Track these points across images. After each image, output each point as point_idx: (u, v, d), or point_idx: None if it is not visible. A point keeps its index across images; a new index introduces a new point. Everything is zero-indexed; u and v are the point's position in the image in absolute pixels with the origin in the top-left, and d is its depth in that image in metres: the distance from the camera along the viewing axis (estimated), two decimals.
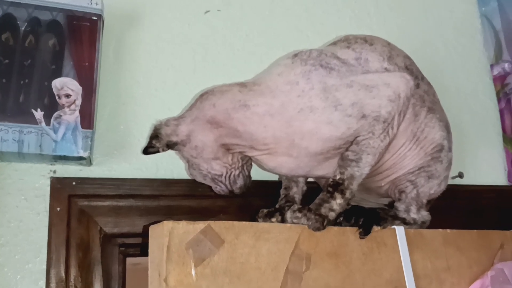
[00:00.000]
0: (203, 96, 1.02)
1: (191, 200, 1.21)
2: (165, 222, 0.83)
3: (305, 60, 0.99)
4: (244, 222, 0.90)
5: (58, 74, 1.14)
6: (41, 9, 1.17)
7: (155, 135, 1.02)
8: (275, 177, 1.26)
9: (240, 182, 1.04)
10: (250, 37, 1.39)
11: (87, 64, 1.17)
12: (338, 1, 1.50)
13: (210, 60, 1.35)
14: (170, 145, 1.02)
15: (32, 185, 1.14)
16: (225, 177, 1.03)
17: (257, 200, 1.20)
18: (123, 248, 1.20)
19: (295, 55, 1.02)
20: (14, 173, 1.14)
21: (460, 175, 1.43)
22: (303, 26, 1.45)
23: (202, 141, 0.99)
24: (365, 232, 0.99)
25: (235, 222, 0.89)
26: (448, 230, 1.12)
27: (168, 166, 1.23)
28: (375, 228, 1.01)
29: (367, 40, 1.07)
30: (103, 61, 1.24)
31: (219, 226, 0.87)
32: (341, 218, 1.00)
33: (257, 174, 1.22)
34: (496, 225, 1.24)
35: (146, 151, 1.04)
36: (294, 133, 0.96)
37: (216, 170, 1.02)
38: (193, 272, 0.83)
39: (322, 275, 0.94)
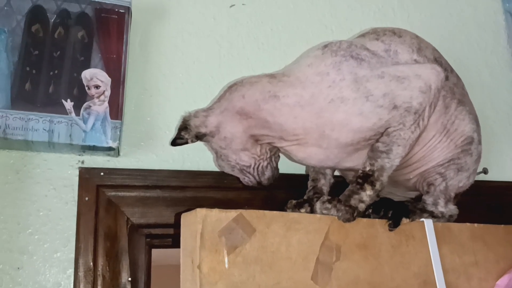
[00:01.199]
0: (232, 87, 1.03)
1: (216, 191, 1.22)
2: (198, 209, 0.84)
3: (335, 51, 0.99)
4: (275, 212, 0.90)
5: (86, 65, 1.16)
6: (70, 1, 1.19)
7: (184, 126, 1.03)
8: (300, 170, 1.26)
9: (268, 173, 1.05)
10: (275, 31, 1.40)
11: (114, 56, 1.18)
12: None
13: (235, 53, 1.35)
14: (199, 136, 1.02)
15: (60, 175, 1.15)
16: (254, 168, 1.03)
17: (281, 193, 1.20)
18: (149, 239, 1.20)
19: (325, 46, 1.02)
20: (43, 163, 1.15)
21: (485, 171, 1.41)
22: (327, 21, 1.45)
23: (231, 132, 1.00)
24: (394, 224, 0.99)
25: (266, 212, 0.89)
26: (476, 225, 1.12)
27: (195, 158, 1.23)
28: (404, 221, 1.01)
29: (396, 32, 1.07)
30: (130, 54, 1.25)
31: (251, 215, 0.87)
32: (370, 210, 1.00)
33: (281, 167, 1.23)
34: None
35: (175, 142, 1.05)
36: (324, 124, 0.96)
37: (245, 161, 1.03)
38: (225, 260, 0.83)
39: (352, 266, 0.94)
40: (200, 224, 0.83)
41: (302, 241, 0.90)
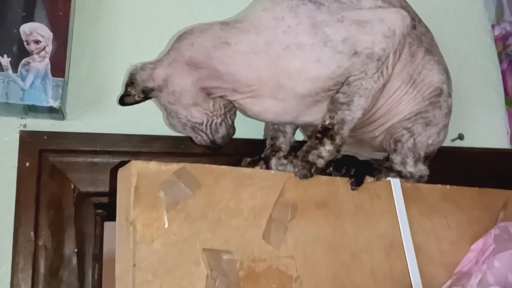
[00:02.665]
0: (181, 36, 0.94)
1: (173, 158, 1.11)
2: (133, 161, 0.75)
3: None
4: (223, 166, 0.82)
5: (29, 21, 1.06)
6: None
7: (130, 81, 0.95)
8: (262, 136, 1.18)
9: (222, 131, 0.97)
10: None
11: (61, 13, 1.09)
12: None
13: (196, 11, 1.26)
14: (146, 91, 0.94)
15: (0, 140, 1.06)
16: (206, 125, 0.95)
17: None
18: (100, 210, 1.12)
19: None
20: None
21: (460, 137, 1.36)
22: None
23: (180, 85, 0.92)
24: (356, 182, 0.91)
25: (214, 166, 0.81)
26: (448, 186, 1.05)
27: (150, 121, 1.14)
28: (368, 179, 0.93)
29: None
30: (81, 13, 1.16)
31: (196, 169, 0.79)
32: (331, 168, 0.92)
33: (245, 132, 1.15)
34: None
35: (122, 100, 0.97)
36: (280, 72, 0.89)
37: (196, 117, 0.95)
38: (164, 217, 0.74)
39: (310, 225, 0.86)
40: (134, 176, 0.74)
41: (254, 197, 0.82)
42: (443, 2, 1.52)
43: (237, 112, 1.04)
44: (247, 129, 1.14)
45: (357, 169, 0.92)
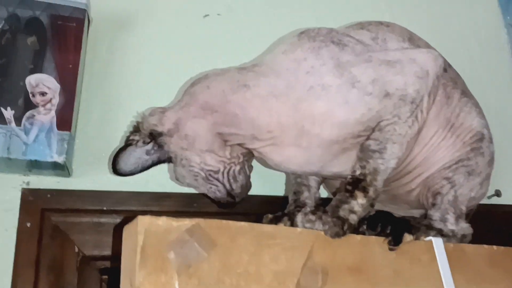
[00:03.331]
0: (195, 81, 0.87)
1: (185, 217, 1.02)
2: (140, 216, 0.66)
3: (313, 37, 0.85)
4: (242, 223, 0.72)
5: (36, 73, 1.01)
6: (23, 7, 1.06)
7: (135, 129, 0.87)
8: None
9: (241, 180, 0.87)
10: (253, 42, 1.25)
11: (71, 66, 1.04)
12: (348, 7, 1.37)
13: (209, 66, 1.20)
14: (155, 136, 0.85)
15: (1, 198, 0.98)
16: (223, 173, 0.86)
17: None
18: (106, 276, 1.01)
19: (302, 32, 0.87)
20: None
21: (497, 193, 1.24)
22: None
23: (194, 129, 0.83)
24: (394, 241, 0.80)
25: (231, 222, 0.71)
26: (495, 247, 0.92)
27: (160, 178, 1.06)
28: (407, 238, 0.82)
29: (383, 23, 0.94)
30: (90, 65, 1.11)
31: (210, 225, 0.69)
32: (365, 226, 0.82)
33: (263, 188, 1.06)
34: None
35: (120, 153, 0.87)
36: (303, 117, 0.81)
37: (211, 165, 0.85)
38: (175, 282, 0.64)
39: None
40: (141, 235, 0.65)
41: (277, 260, 0.72)
42: (469, 56, 1.45)
43: (254, 166, 0.95)
44: (265, 185, 1.05)
45: (394, 226, 0.81)
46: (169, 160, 0.88)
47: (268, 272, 0.70)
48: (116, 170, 0.87)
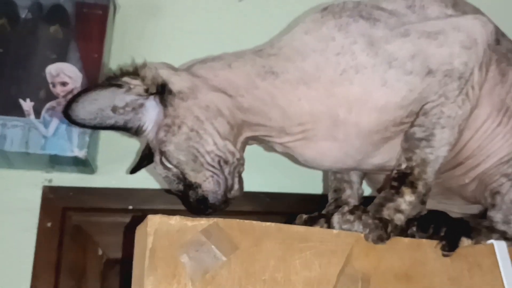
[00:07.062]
0: (204, 59, 0.78)
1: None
2: (150, 216, 0.58)
3: (338, 12, 0.75)
4: (268, 223, 0.63)
5: None
6: None
7: (130, 73, 0.72)
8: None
9: (241, 185, 0.76)
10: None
11: (96, 55, 0.98)
12: None
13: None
14: (160, 87, 0.72)
15: (21, 196, 0.94)
16: (231, 167, 0.74)
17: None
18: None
19: (324, 8, 0.77)
20: (0, 182, 0.93)
21: None
22: None
23: (216, 103, 0.72)
24: (450, 246, 0.69)
25: (255, 223, 0.62)
26: None
27: None
28: (465, 242, 0.71)
29: None
30: (116, 53, 1.05)
31: (231, 226, 0.61)
32: (414, 228, 0.71)
33: (299, 186, 0.96)
34: None
35: (100, 88, 0.71)
36: (338, 104, 0.71)
37: (225, 152, 0.73)
38: None
39: None
40: (151, 236, 0.57)
41: (310, 266, 0.62)
42: None
43: (286, 160, 0.85)
44: (300, 181, 0.95)
45: (449, 228, 0.70)
46: (136, 131, 0.75)
47: (298, 280, 0.61)
48: (69, 108, 0.70)
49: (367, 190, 0.94)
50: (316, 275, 0.62)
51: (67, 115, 0.70)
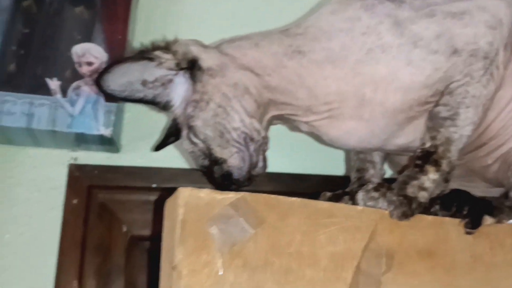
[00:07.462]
0: (232, 39, 0.78)
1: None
2: (180, 188, 0.60)
3: None
4: (294, 198, 0.64)
5: None
6: None
7: (162, 47, 0.75)
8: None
9: (265, 163, 0.77)
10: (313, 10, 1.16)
11: (120, 37, 0.99)
12: None
13: None
14: (191, 63, 0.74)
15: (47, 175, 0.95)
16: (257, 144, 0.74)
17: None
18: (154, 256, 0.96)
19: None
20: (27, 160, 0.96)
21: None
22: None
23: (244, 81, 0.74)
24: (472, 224, 0.69)
25: (282, 197, 0.63)
26: None
27: None
28: (488, 220, 0.71)
29: None
30: (143, 36, 1.05)
31: (259, 200, 0.62)
32: (438, 206, 0.71)
33: (323, 167, 0.97)
34: None
35: (132, 61, 0.74)
36: (364, 83, 0.72)
37: (251, 129, 0.74)
38: (218, 261, 0.57)
39: (411, 281, 0.65)
40: (181, 208, 0.58)
41: (335, 241, 0.63)
42: None
43: (310, 141, 0.86)
44: (323, 162, 0.96)
45: (472, 206, 0.71)
46: (164, 106, 0.77)
47: (323, 254, 0.62)
48: (101, 78, 0.73)
49: (388, 173, 0.95)
50: (340, 250, 0.63)
51: (99, 85, 0.73)
